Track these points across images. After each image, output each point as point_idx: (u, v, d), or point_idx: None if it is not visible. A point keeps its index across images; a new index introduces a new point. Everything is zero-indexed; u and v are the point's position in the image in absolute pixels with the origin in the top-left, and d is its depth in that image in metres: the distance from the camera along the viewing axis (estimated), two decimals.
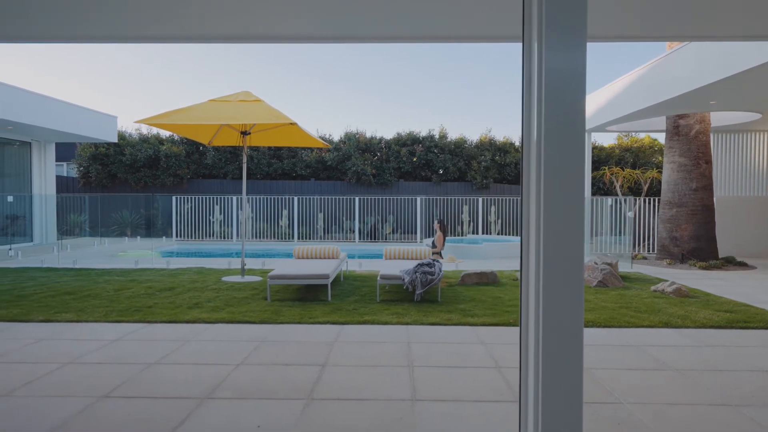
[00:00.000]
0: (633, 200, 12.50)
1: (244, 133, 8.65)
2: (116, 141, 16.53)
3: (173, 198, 16.21)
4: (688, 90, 8.80)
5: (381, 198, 17.01)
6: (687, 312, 6.13)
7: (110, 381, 3.86)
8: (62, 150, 18.91)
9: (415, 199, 16.68)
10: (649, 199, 13.30)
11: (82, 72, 36.96)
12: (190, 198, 16.42)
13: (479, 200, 16.58)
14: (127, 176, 17.84)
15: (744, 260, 11.09)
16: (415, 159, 18.16)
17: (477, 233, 16.38)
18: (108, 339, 4.99)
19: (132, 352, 4.58)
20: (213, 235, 16.29)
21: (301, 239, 16.26)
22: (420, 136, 18.56)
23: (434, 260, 7.15)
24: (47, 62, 38.38)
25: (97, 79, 37.13)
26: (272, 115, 7.65)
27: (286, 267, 7.35)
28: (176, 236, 16.15)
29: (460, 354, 4.60)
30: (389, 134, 20.99)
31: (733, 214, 12.33)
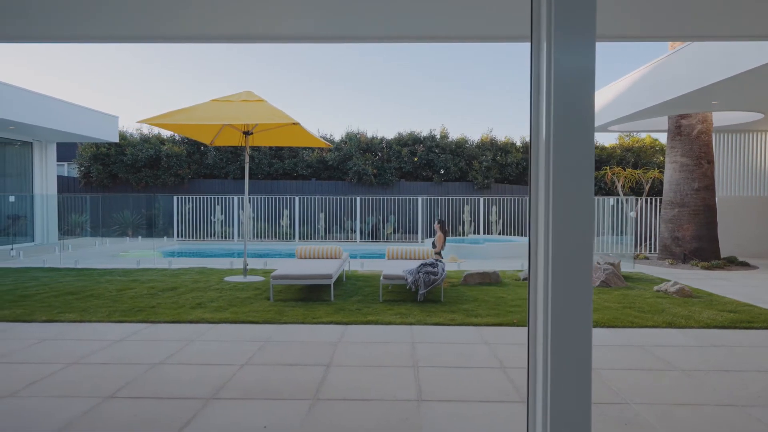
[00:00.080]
0: (635, 200, 12.50)
1: (247, 133, 8.64)
2: (117, 141, 16.54)
3: (174, 198, 16.21)
4: (691, 90, 8.80)
5: (382, 198, 17.00)
6: (691, 312, 6.12)
7: (115, 381, 3.85)
8: (63, 150, 18.90)
9: (417, 199, 16.67)
10: (651, 199, 13.29)
11: (83, 72, 36.97)
12: (191, 198, 16.42)
13: (480, 200, 16.57)
14: (128, 176, 17.84)
15: (746, 260, 11.08)
16: (417, 159, 18.15)
17: (478, 233, 16.37)
18: (112, 339, 4.99)
19: (136, 353, 4.57)
20: (214, 235, 16.29)
21: (302, 239, 16.26)
22: (421, 136, 18.56)
23: (437, 260, 7.14)
24: (47, 62, 38.39)
25: (97, 79, 37.14)
26: (275, 115, 7.65)
27: (289, 267, 7.34)
28: (177, 236, 16.14)
29: (465, 354, 4.60)
30: (390, 134, 20.98)
31: (735, 214, 12.32)
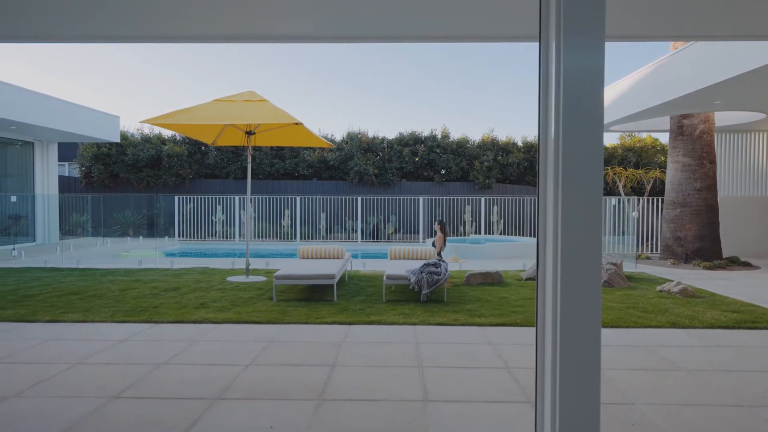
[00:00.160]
0: (636, 200, 12.49)
1: (249, 133, 8.64)
2: (119, 141, 16.54)
3: (175, 198, 16.20)
4: (694, 90, 8.79)
5: (383, 198, 17.00)
6: (694, 312, 6.11)
7: (120, 381, 3.85)
8: (64, 150, 18.89)
9: (418, 199, 16.66)
10: (652, 199, 13.29)
11: (83, 72, 36.97)
12: (193, 198, 16.42)
13: (482, 200, 16.56)
14: (130, 176, 17.83)
15: (748, 260, 11.08)
16: (418, 159, 18.15)
17: (479, 233, 16.37)
18: (115, 339, 4.98)
19: (140, 353, 4.57)
20: (215, 235, 16.29)
21: (304, 239, 16.26)
22: (422, 136, 18.55)
23: (440, 260, 7.14)
24: (47, 62, 38.38)
25: (98, 79, 37.13)
26: (277, 115, 7.64)
27: (292, 267, 7.34)
28: (178, 236, 16.14)
29: (469, 354, 4.59)
30: (391, 134, 20.97)
31: (737, 214, 12.32)
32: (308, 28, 4.50)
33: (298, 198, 16.42)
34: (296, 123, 7.69)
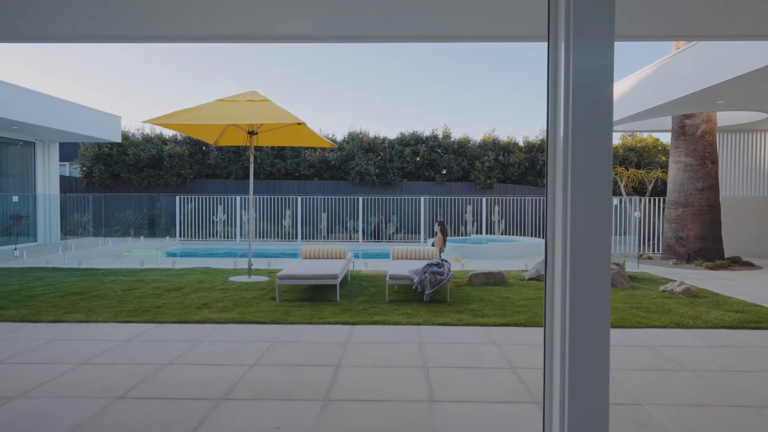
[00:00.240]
0: (638, 200, 12.48)
1: (252, 133, 8.63)
2: (120, 141, 16.53)
3: (177, 198, 16.20)
4: (697, 90, 8.78)
5: (384, 198, 16.99)
6: (698, 312, 6.11)
7: (125, 382, 3.84)
8: (65, 150, 18.90)
9: (419, 199, 16.66)
10: (654, 199, 13.28)
11: (83, 72, 36.97)
12: (194, 198, 16.41)
13: (483, 200, 16.56)
14: (131, 176, 17.83)
15: (749, 260, 11.07)
16: (419, 159, 18.15)
17: (480, 233, 16.37)
18: (119, 339, 4.98)
19: (144, 353, 4.56)
20: (216, 235, 16.28)
21: (305, 239, 16.25)
22: (423, 136, 18.55)
23: (443, 260, 7.13)
24: (47, 62, 38.38)
25: (98, 80, 37.13)
26: (280, 115, 7.64)
27: (295, 267, 7.33)
28: (179, 236, 16.13)
29: (474, 354, 4.59)
30: (392, 134, 20.97)
31: (738, 214, 12.31)
32: (308, 28, 4.49)
33: (299, 198, 16.42)
34: (299, 123, 7.68)
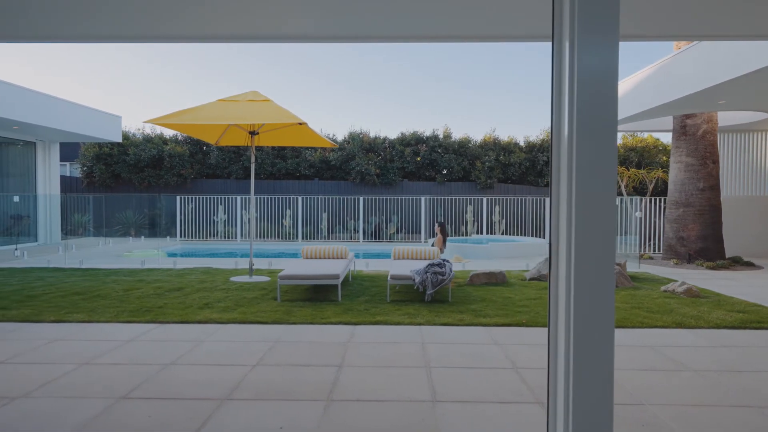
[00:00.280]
0: (639, 200, 12.48)
1: (253, 133, 8.63)
2: (120, 141, 16.53)
3: (177, 198, 16.20)
4: (698, 90, 8.78)
5: (385, 198, 16.99)
6: (700, 312, 6.11)
7: (127, 382, 3.84)
8: (65, 150, 18.90)
9: (420, 199, 16.65)
10: (655, 199, 13.28)
11: (82, 72, 36.97)
12: (194, 198, 16.41)
13: (483, 200, 16.56)
14: (131, 176, 17.83)
15: (750, 260, 11.07)
16: (419, 159, 18.15)
17: (481, 233, 16.36)
18: (121, 339, 4.97)
19: (147, 353, 4.56)
20: (217, 235, 16.28)
21: (305, 239, 16.25)
22: (424, 136, 18.55)
23: (444, 260, 7.13)
24: (47, 62, 38.38)
25: (97, 79, 37.13)
26: (281, 115, 7.63)
27: (296, 267, 7.33)
28: (180, 236, 16.13)
29: (476, 355, 4.58)
30: (393, 134, 20.97)
31: (739, 214, 12.31)
32: (309, 28, 4.49)
33: (300, 198, 16.41)
34: (300, 123, 7.68)
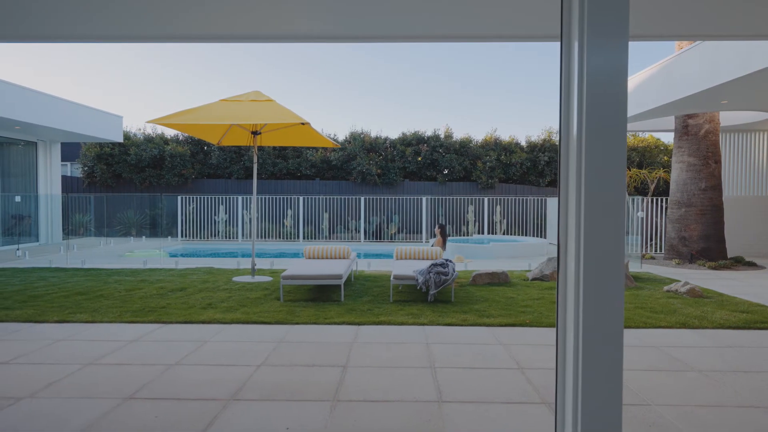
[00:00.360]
0: (640, 200, 12.48)
1: (255, 133, 8.62)
2: (122, 141, 16.53)
3: (178, 198, 16.20)
4: (701, 89, 8.78)
5: (386, 198, 16.99)
6: (703, 312, 6.10)
7: (133, 382, 3.83)
8: (66, 150, 18.89)
9: (421, 199, 16.65)
10: (656, 199, 13.27)
11: (83, 72, 36.96)
12: (195, 198, 16.41)
13: (485, 200, 16.56)
14: (132, 176, 17.83)
15: (752, 260, 11.07)
16: (420, 159, 18.14)
17: (482, 233, 16.37)
18: (125, 340, 4.97)
19: (151, 353, 4.56)
20: (218, 235, 16.28)
21: (306, 239, 16.25)
22: (425, 136, 18.55)
23: (447, 260, 7.13)
24: (48, 62, 38.37)
25: (98, 79, 37.12)
26: (284, 115, 7.63)
27: (299, 267, 7.32)
28: (181, 236, 16.13)
29: (481, 355, 4.58)
30: (394, 134, 20.97)
31: (741, 214, 12.31)
32: (311, 28, 4.48)
33: (301, 198, 16.41)
34: (303, 123, 7.67)
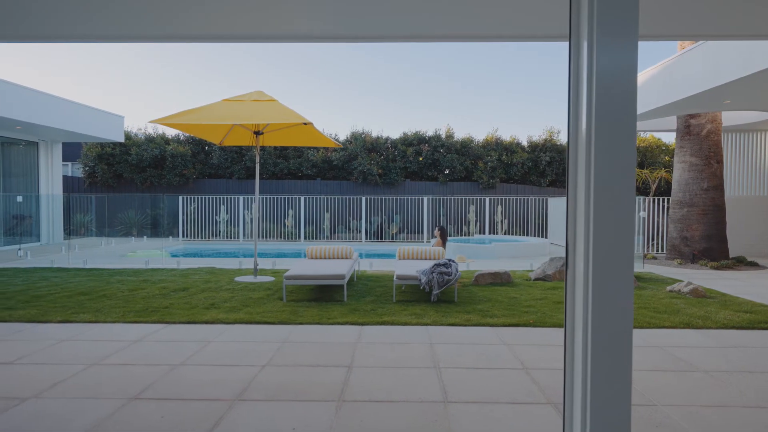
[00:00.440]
0: (642, 200, 12.47)
1: (257, 133, 8.61)
2: (123, 141, 16.53)
3: (179, 198, 16.19)
4: (704, 89, 8.77)
5: (387, 198, 16.99)
6: (707, 312, 6.10)
7: (138, 383, 3.83)
8: (66, 150, 18.87)
9: (422, 199, 16.65)
10: (658, 199, 13.27)
11: (84, 72, 36.95)
12: (196, 198, 16.40)
13: (486, 200, 16.56)
14: (133, 176, 17.82)
15: (754, 260, 11.07)
16: (422, 159, 18.13)
17: (483, 233, 16.36)
18: (129, 340, 4.97)
19: (155, 353, 4.55)
20: (219, 235, 16.28)
21: (308, 239, 16.25)
22: (426, 136, 18.54)
23: (450, 260, 7.12)
24: (49, 62, 38.36)
25: (96, 79, 37.11)
26: (287, 115, 7.62)
27: (301, 267, 7.32)
28: (182, 236, 16.13)
29: (485, 355, 4.58)
30: (395, 134, 20.96)
31: (743, 214, 12.30)
32: (311, 28, 4.47)
33: (302, 198, 16.41)
34: (305, 123, 7.66)
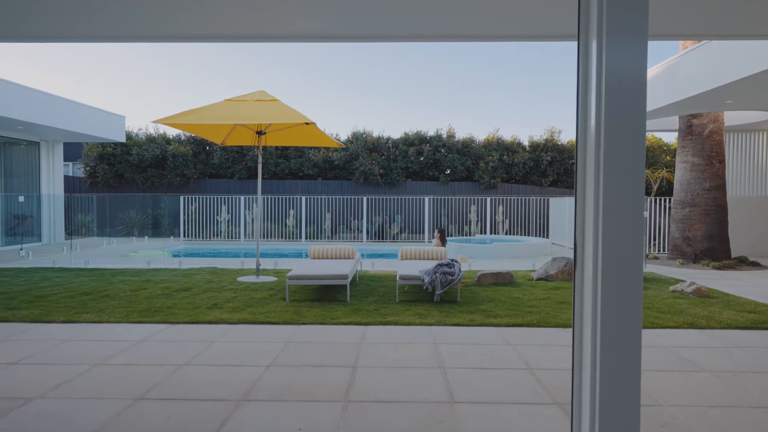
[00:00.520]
0: (644, 200, 12.47)
1: (260, 133, 8.61)
2: (124, 141, 16.52)
3: (180, 198, 16.19)
4: (707, 89, 8.77)
5: (388, 198, 16.98)
6: (710, 313, 6.09)
7: (143, 383, 3.82)
8: (67, 150, 18.86)
9: (423, 199, 16.65)
10: (660, 199, 13.26)
11: (85, 72, 36.95)
12: (197, 198, 16.40)
13: (487, 200, 16.55)
14: (134, 176, 17.82)
15: (756, 260, 11.06)
16: (423, 158, 18.13)
17: (485, 233, 16.36)
18: (133, 340, 4.96)
19: (159, 354, 4.55)
20: (220, 235, 16.28)
21: (309, 239, 16.25)
22: (427, 136, 18.53)
23: (453, 260, 7.12)
24: (50, 62, 38.36)
25: (96, 79, 37.11)
26: (289, 115, 7.61)
27: (304, 267, 7.31)
28: (183, 236, 16.12)
29: (489, 355, 4.57)
30: (397, 134, 20.96)
31: (745, 214, 12.30)
32: (312, 28, 4.47)
33: (303, 198, 16.41)
34: (308, 123, 7.66)
